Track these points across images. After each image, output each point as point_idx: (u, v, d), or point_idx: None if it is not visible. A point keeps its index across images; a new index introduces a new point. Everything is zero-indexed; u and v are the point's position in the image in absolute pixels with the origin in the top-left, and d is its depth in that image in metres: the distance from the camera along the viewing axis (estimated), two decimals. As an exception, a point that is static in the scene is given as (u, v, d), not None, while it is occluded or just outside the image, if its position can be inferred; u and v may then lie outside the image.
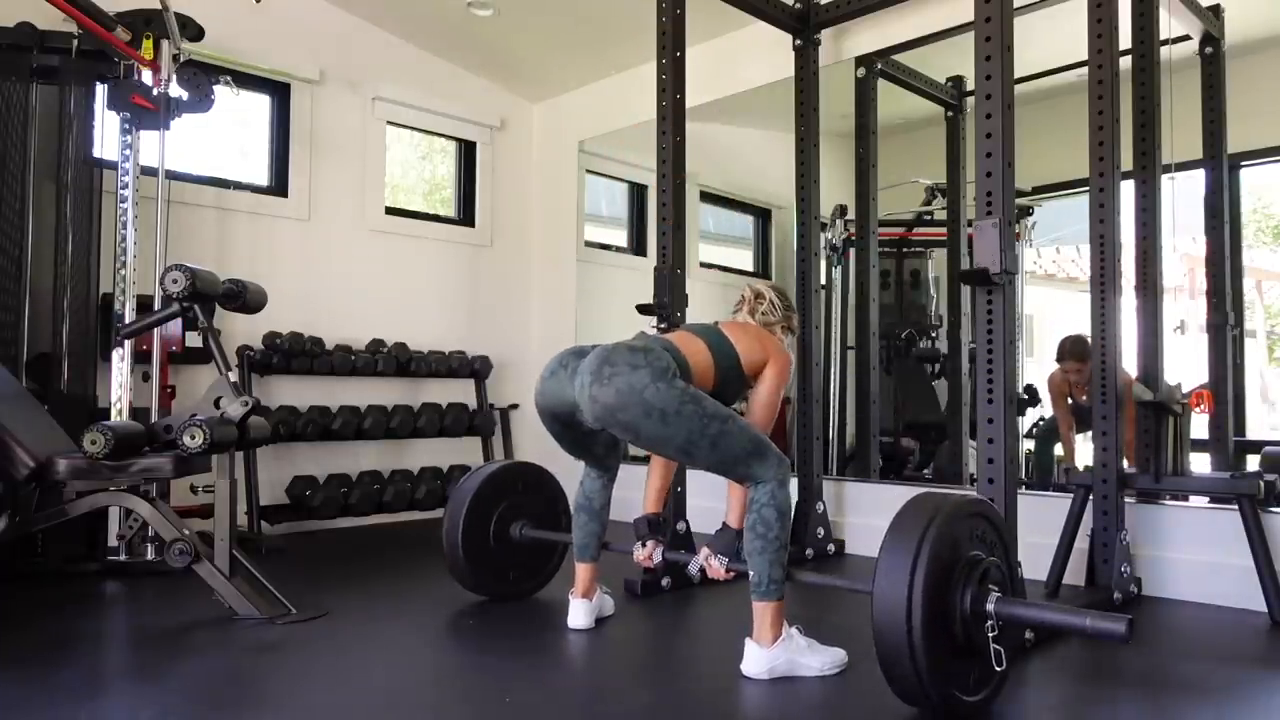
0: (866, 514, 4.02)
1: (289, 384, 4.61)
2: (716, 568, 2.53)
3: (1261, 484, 2.91)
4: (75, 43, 3.59)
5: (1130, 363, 3.23)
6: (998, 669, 2.01)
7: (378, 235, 5.06)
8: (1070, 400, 4.30)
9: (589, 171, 5.74)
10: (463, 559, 3.04)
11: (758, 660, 2.29)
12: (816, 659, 2.32)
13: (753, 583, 2.31)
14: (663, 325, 3.28)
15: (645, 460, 2.89)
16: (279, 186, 4.76)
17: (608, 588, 2.94)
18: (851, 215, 4.69)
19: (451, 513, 3.07)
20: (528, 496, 3.20)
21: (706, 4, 3.63)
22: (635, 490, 2.87)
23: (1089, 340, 3.19)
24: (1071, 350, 4.19)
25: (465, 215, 5.61)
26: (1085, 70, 3.17)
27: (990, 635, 1.98)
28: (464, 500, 3.06)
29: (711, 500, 3.79)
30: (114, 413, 3.56)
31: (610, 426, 2.33)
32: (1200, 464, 3.51)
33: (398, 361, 4.85)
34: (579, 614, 2.77)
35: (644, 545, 2.75)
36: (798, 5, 4.07)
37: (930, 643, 1.90)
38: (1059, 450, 4.45)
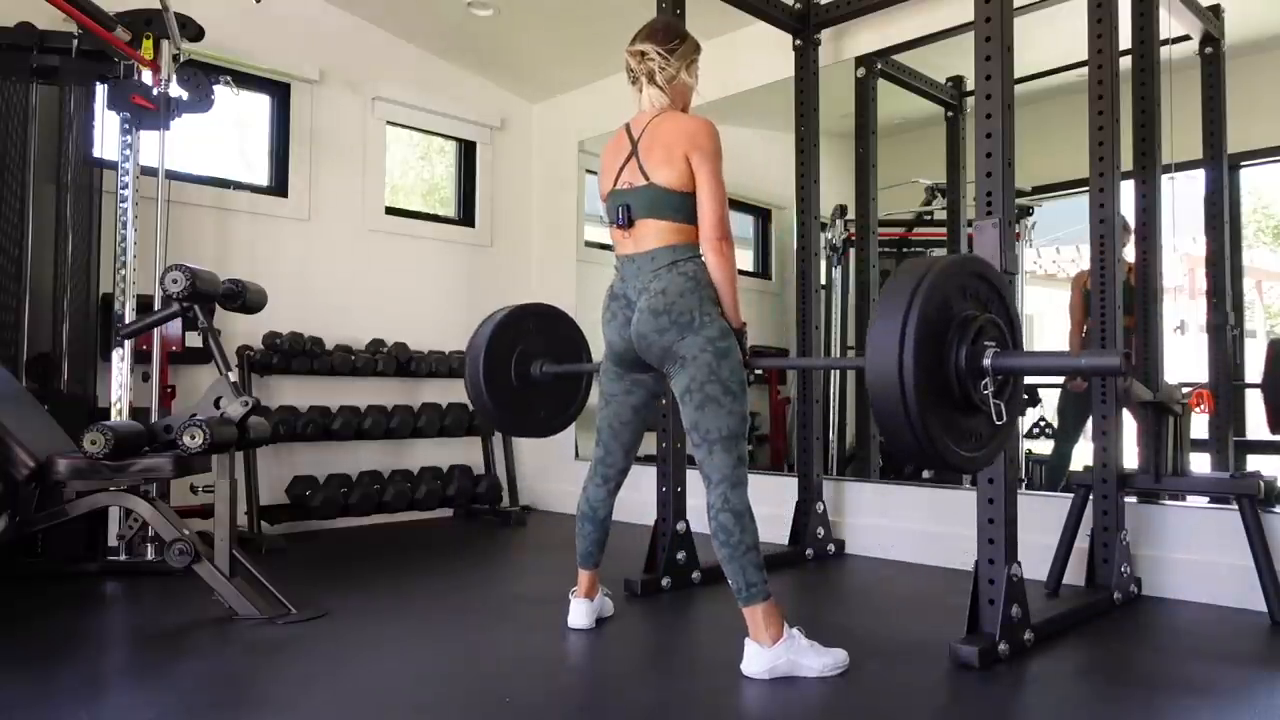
0: (866, 514, 4.02)
1: (289, 384, 4.61)
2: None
3: (1261, 484, 2.91)
4: (75, 43, 3.59)
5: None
6: (998, 423, 2.01)
7: (378, 235, 5.06)
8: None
9: (589, 171, 5.74)
10: (490, 405, 3.05)
11: (758, 660, 2.29)
12: (818, 660, 2.32)
13: (734, 591, 2.32)
14: (619, 221, 2.61)
15: (646, 460, 2.89)
16: (279, 186, 4.76)
17: (608, 589, 2.94)
18: (851, 215, 4.69)
19: (470, 367, 3.07)
20: (543, 336, 3.20)
21: (706, 4, 3.63)
22: (636, 490, 2.87)
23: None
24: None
25: (465, 215, 5.61)
26: (1085, 70, 3.17)
27: (987, 390, 1.98)
28: (479, 351, 3.04)
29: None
30: (114, 413, 3.56)
31: (650, 341, 2.41)
32: (1200, 464, 3.51)
33: (398, 361, 4.85)
34: (579, 614, 2.77)
35: None
36: (798, 5, 4.07)
37: (924, 402, 1.87)
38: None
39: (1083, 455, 4.12)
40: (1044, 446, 4.77)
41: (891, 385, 1.85)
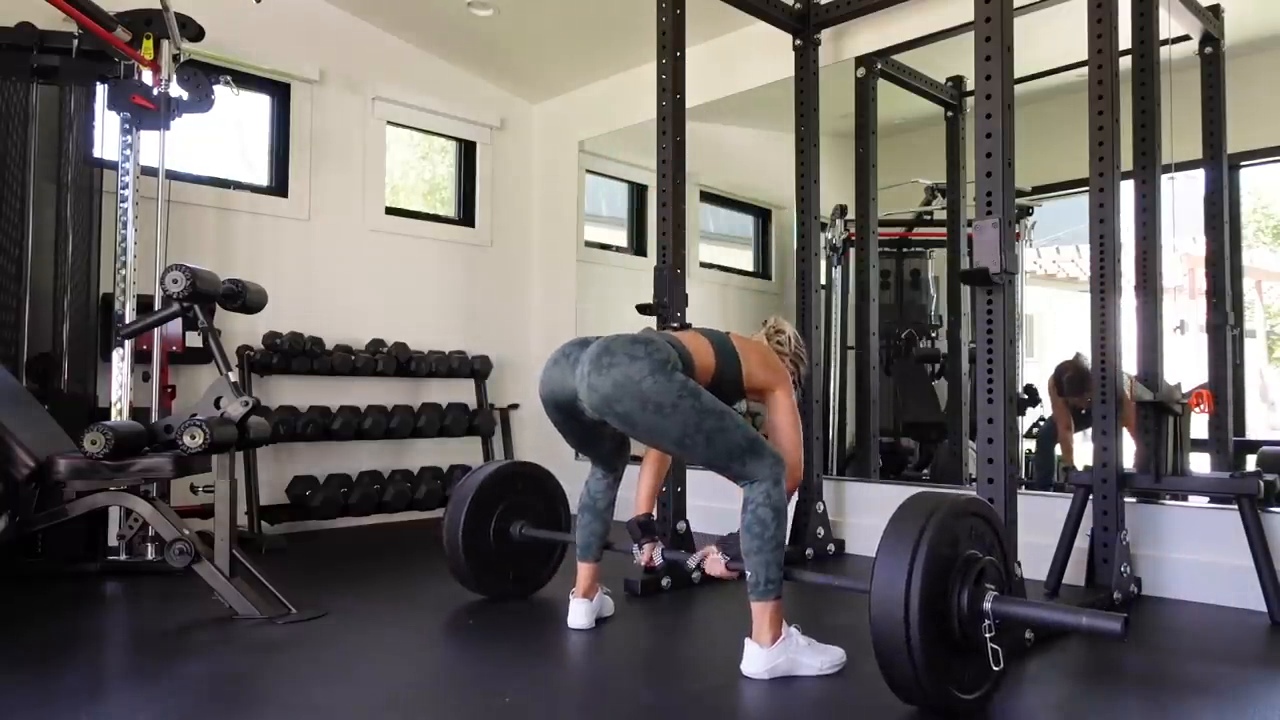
0: (866, 514, 4.02)
1: (289, 384, 4.61)
2: (716, 559, 2.53)
3: (1261, 484, 2.91)
4: (75, 43, 3.59)
5: (1130, 363, 3.23)
6: (995, 668, 2.01)
7: (378, 235, 5.06)
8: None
9: (589, 171, 5.74)
10: (463, 559, 3.04)
11: (758, 660, 2.29)
12: (816, 658, 2.32)
13: (750, 583, 2.31)
14: (674, 325, 3.25)
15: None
16: (279, 186, 4.76)
17: (608, 588, 2.94)
18: (851, 215, 4.69)
19: (452, 513, 3.08)
20: (528, 496, 3.21)
21: (706, 4, 3.63)
22: (634, 491, 2.87)
23: (1087, 367, 3.19)
24: (1070, 386, 4.22)
25: (465, 215, 5.61)
26: (1085, 70, 3.17)
27: (988, 634, 1.98)
28: (464, 500, 3.06)
29: (711, 500, 3.80)
30: (114, 413, 3.56)
31: (607, 416, 2.32)
32: (1200, 464, 3.51)
33: (398, 361, 4.85)
34: (579, 614, 2.77)
35: (641, 548, 2.76)
36: (798, 5, 4.07)
37: (927, 641, 1.90)
38: (1057, 449, 4.46)
39: (1082, 455, 4.13)
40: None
41: (896, 617, 1.89)
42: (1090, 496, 3.12)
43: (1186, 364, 3.52)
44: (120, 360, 3.59)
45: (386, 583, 3.49)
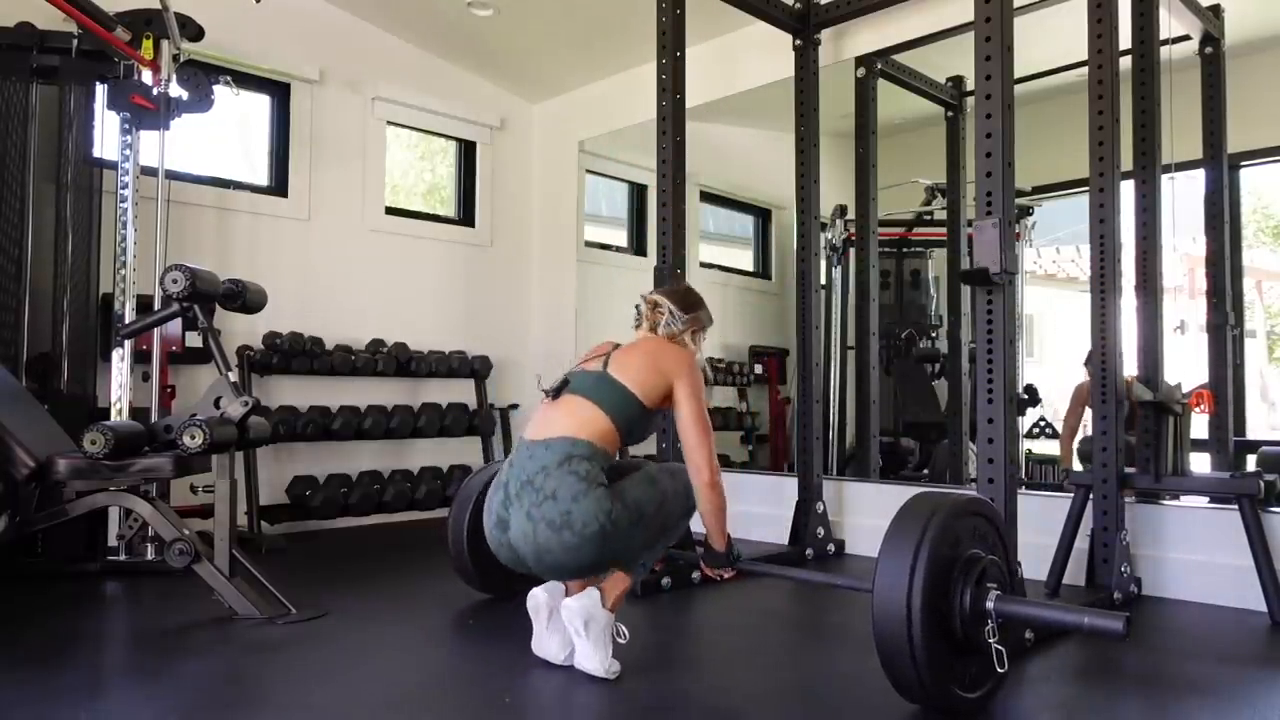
0: (866, 514, 4.02)
1: (289, 384, 4.61)
2: (716, 574, 2.53)
3: (1261, 484, 2.91)
4: (75, 43, 3.59)
5: (1130, 363, 3.23)
6: (1000, 670, 2.01)
7: (378, 235, 5.06)
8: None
9: (589, 171, 5.74)
10: (468, 559, 3.04)
11: (600, 616, 2.29)
12: (607, 653, 2.30)
13: (630, 559, 2.32)
14: (550, 390, 2.45)
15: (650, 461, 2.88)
16: (279, 186, 4.76)
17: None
18: (851, 215, 4.69)
19: (456, 513, 3.09)
20: None
21: (706, 4, 3.63)
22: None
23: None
24: None
25: (465, 215, 5.61)
26: (1085, 70, 3.17)
27: (991, 634, 1.98)
28: (468, 501, 3.07)
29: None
30: (114, 413, 3.56)
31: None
32: (1200, 464, 3.51)
33: (398, 361, 4.85)
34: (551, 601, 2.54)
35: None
36: (798, 5, 4.06)
37: (929, 641, 1.91)
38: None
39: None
40: (1044, 446, 4.77)
41: (898, 617, 1.89)
42: (1090, 496, 3.12)
43: (1187, 364, 3.53)
44: (120, 360, 3.59)
45: (386, 583, 3.49)
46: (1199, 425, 3.35)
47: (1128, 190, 3.23)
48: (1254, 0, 3.88)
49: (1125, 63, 3.23)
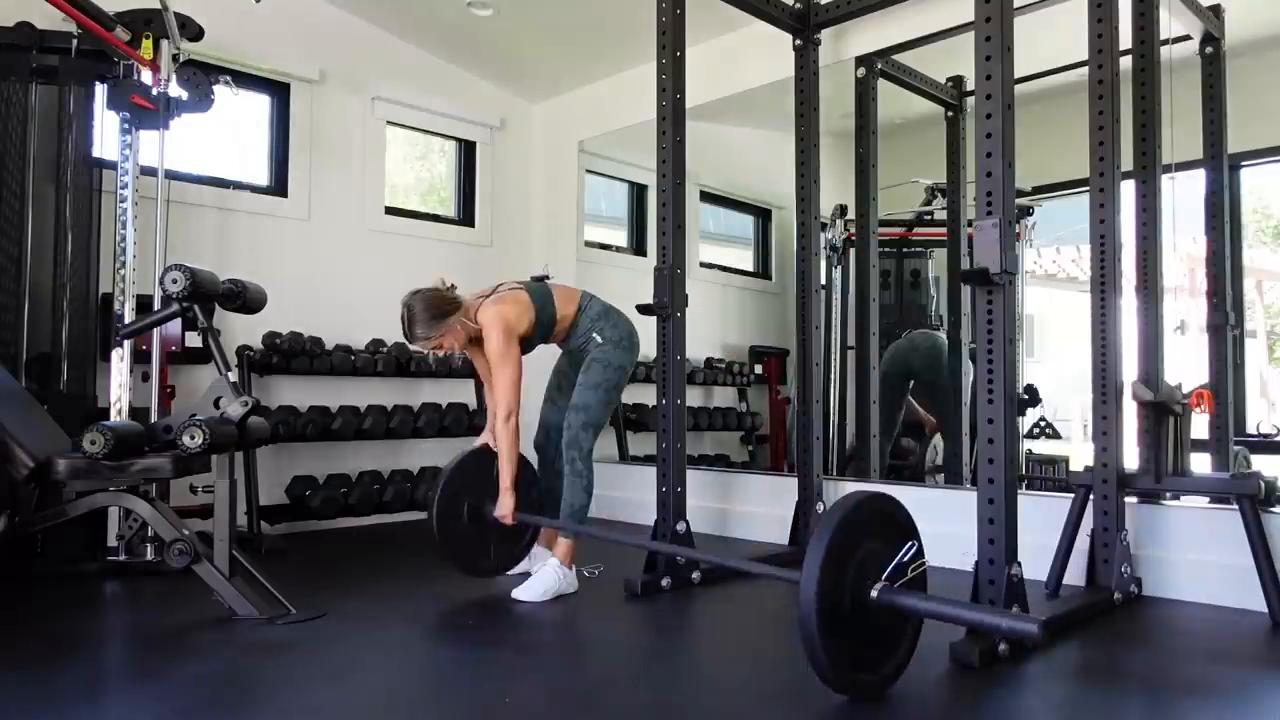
0: (866, 514, 4.01)
1: (289, 384, 4.61)
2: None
3: (1262, 484, 2.91)
4: (75, 43, 3.58)
5: (1130, 363, 3.23)
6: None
7: (377, 235, 5.06)
8: None
9: (589, 171, 5.74)
10: (443, 543, 3.29)
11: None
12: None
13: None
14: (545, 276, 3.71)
15: (646, 460, 2.88)
16: (279, 186, 4.76)
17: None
18: (851, 215, 4.69)
19: (430, 505, 3.33)
20: (495, 479, 3.36)
21: (706, 4, 3.63)
22: (636, 491, 2.87)
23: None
24: None
25: (465, 215, 5.61)
26: (1085, 70, 3.17)
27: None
28: (436, 492, 3.31)
29: (709, 500, 3.81)
30: (114, 413, 3.56)
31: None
32: (1200, 464, 3.51)
33: (398, 361, 4.84)
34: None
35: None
36: (798, 5, 4.06)
37: (827, 630, 2.01)
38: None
39: (1083, 454, 4.13)
40: (1044, 446, 4.78)
41: (809, 611, 2.00)
42: (1091, 496, 3.12)
43: (1187, 364, 3.53)
44: (119, 360, 3.58)
45: (386, 583, 3.49)
46: (1199, 425, 3.35)
47: (1128, 190, 3.23)
48: (1254, 0, 3.88)
49: (1125, 62, 3.22)
